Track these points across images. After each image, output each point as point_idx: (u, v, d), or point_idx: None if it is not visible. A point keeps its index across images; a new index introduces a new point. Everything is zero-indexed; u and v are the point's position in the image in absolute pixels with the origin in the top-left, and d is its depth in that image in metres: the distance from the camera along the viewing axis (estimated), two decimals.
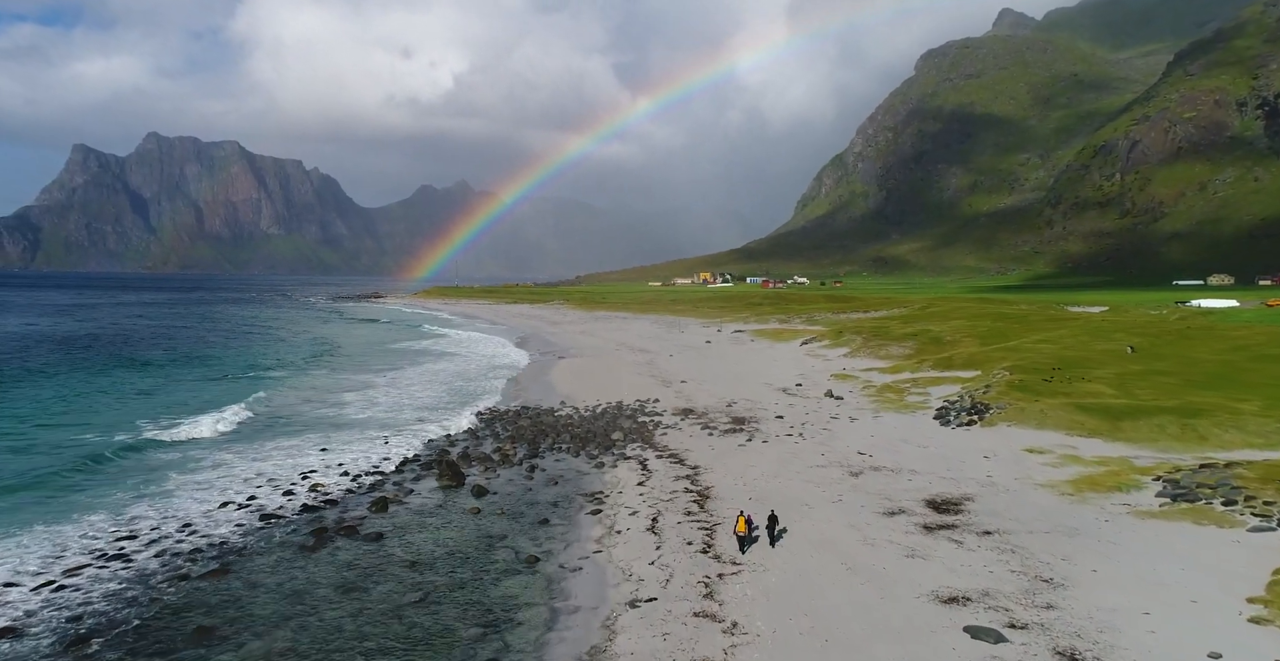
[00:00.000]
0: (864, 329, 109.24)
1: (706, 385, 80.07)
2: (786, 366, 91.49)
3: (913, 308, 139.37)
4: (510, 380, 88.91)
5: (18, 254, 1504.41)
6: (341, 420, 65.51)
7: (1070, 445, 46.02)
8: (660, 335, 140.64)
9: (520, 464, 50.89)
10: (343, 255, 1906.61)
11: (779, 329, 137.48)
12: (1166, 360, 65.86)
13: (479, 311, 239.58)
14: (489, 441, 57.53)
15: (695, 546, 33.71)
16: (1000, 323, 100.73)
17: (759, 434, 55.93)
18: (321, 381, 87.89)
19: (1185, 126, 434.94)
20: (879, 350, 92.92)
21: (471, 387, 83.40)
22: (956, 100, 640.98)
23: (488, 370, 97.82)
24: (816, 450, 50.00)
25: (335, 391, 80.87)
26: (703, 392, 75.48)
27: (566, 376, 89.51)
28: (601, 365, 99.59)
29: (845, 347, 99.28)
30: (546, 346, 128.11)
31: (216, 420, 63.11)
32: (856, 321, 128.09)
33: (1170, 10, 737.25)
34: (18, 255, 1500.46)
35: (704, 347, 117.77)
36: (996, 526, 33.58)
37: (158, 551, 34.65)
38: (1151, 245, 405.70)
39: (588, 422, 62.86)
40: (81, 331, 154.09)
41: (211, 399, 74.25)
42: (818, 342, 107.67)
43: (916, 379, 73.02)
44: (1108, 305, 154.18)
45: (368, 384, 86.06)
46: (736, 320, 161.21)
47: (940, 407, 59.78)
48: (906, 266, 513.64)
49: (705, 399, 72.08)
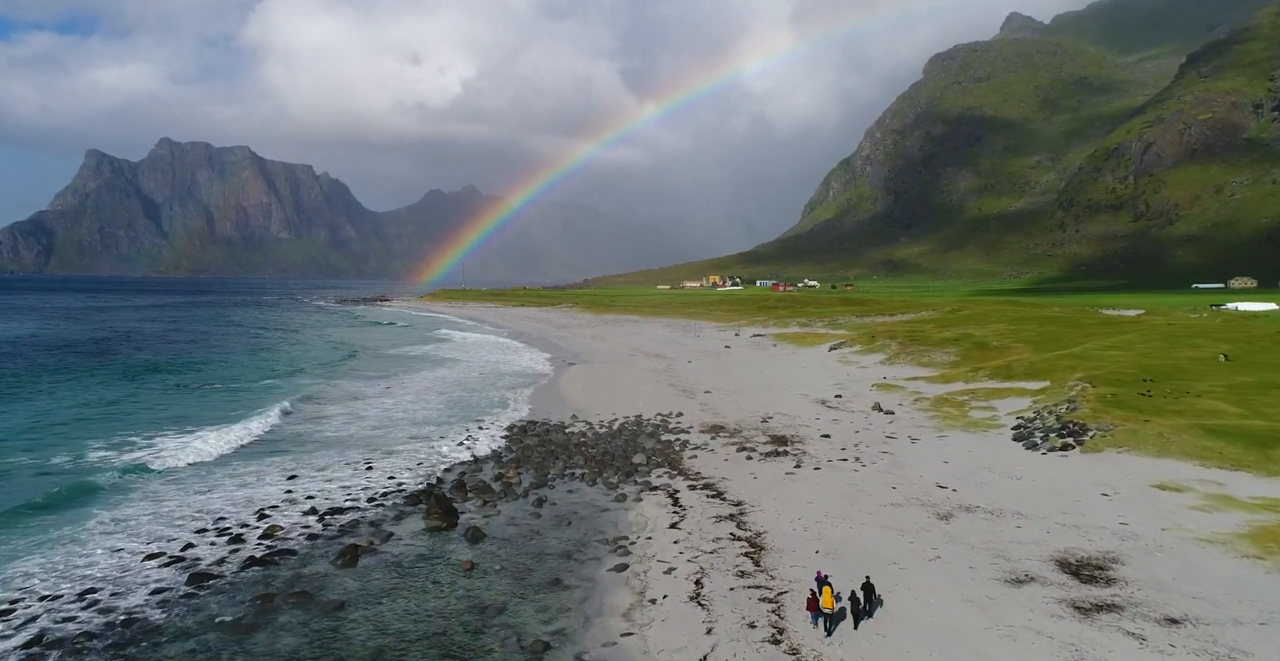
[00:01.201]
0: (897, 333, 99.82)
1: (734, 396, 70.79)
2: (818, 374, 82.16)
3: (942, 311, 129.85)
4: (516, 390, 79.70)
5: (31, 258, 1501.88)
6: (319, 438, 56.25)
7: (1213, 480, 36.50)
8: (675, 339, 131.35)
9: (526, 496, 41.74)
10: (351, 259, 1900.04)
11: (801, 333, 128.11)
12: (1276, 370, 56.37)
13: (485, 315, 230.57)
14: (490, 466, 48.32)
15: (760, 630, 24.50)
16: (1049, 326, 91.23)
17: (807, 458, 46.68)
18: (305, 391, 78.53)
19: (1200, 128, 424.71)
20: (920, 357, 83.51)
21: (472, 399, 74.15)
22: (965, 103, 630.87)
23: (491, 378, 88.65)
24: (883, 481, 40.70)
25: (318, 402, 71.54)
26: (731, 405, 66.22)
27: (578, 386, 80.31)
28: (615, 373, 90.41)
29: (880, 353, 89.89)
30: (555, 352, 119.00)
31: (175, 440, 54.04)
32: (885, 325, 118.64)
33: (1178, 14, 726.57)
34: (31, 259, 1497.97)
35: (723, 353, 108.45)
36: (1180, 609, 24.13)
37: (26, 640, 25.16)
38: (1166, 248, 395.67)
39: (604, 441, 53.68)
40: (79, 336, 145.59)
41: (178, 413, 65.13)
42: (848, 348, 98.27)
43: (974, 390, 63.63)
44: (1142, 308, 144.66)
45: (356, 394, 76.58)
46: (753, 323, 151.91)
47: (1017, 426, 50.42)
48: (915, 269, 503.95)
49: (735, 412, 62.83)
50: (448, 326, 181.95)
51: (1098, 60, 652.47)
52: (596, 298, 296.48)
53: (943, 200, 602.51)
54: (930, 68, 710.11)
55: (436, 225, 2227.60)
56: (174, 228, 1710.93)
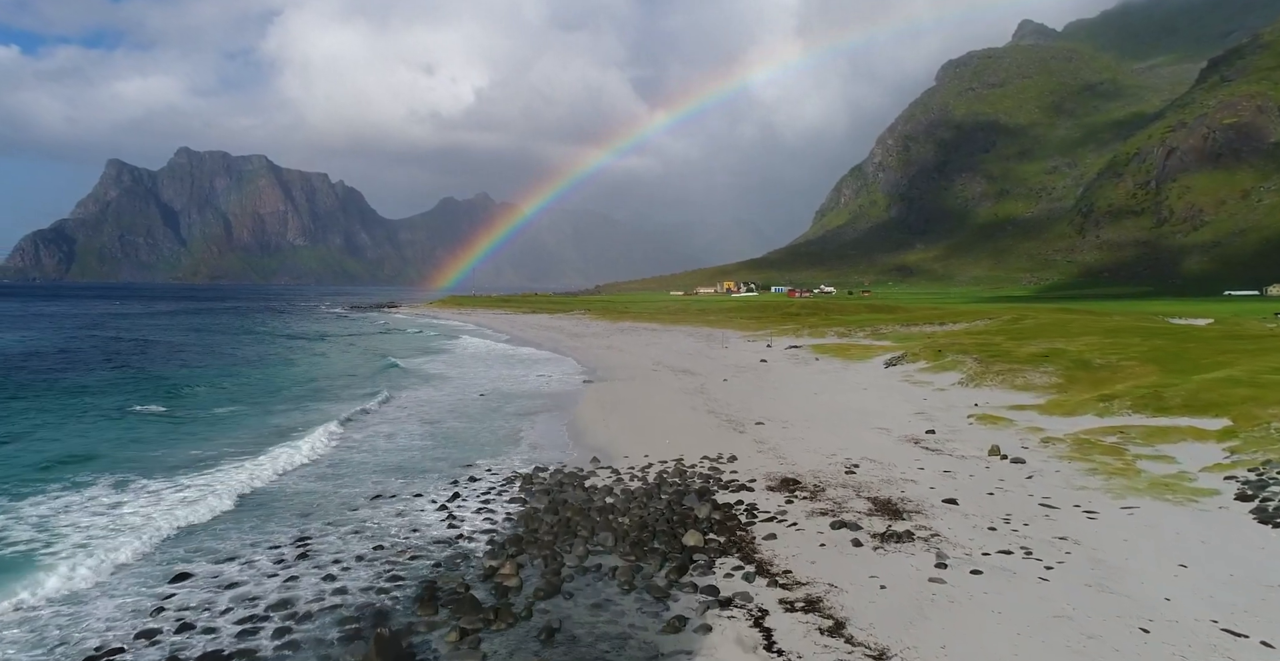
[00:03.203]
0: (965, 346, 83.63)
1: (795, 429, 54.79)
2: (888, 399, 66.06)
3: (1000, 320, 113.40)
4: (521, 418, 63.78)
5: (53, 265, 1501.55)
6: (240, 495, 40.21)
7: None
8: (701, 351, 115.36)
9: (529, 616, 25.77)
10: (366, 265, 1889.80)
11: (842, 344, 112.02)
12: None
13: (493, 322, 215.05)
14: (477, 552, 32.26)
15: None
16: (1158, 340, 74.85)
17: (945, 544, 30.48)
18: (250, 420, 61.89)
19: (1225, 133, 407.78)
20: (1010, 377, 67.27)
21: (466, 433, 58.07)
22: (980, 109, 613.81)
23: (493, 401, 72.76)
24: (1103, 606, 24.53)
25: (258, 437, 54.70)
26: (795, 443, 50.23)
27: (597, 413, 64.39)
28: (640, 394, 74.48)
29: (954, 372, 73.72)
30: (568, 367, 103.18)
31: (32, 491, 38.21)
32: (943, 336, 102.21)
33: (1191, 21, 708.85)
34: (53, 266, 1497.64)
35: (761, 369, 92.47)
36: None
37: None
38: (1190, 254, 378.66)
39: (638, 503, 37.50)
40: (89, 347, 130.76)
41: (65, 450, 49.16)
42: (910, 364, 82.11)
43: (1120, 428, 47.48)
44: (1209, 317, 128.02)
45: (310, 422, 59.88)
46: (783, 333, 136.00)
47: (1242, 493, 34.27)
48: (930, 275, 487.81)
49: (805, 455, 46.86)
50: (450, 335, 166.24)
51: (1113, 66, 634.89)
52: (610, 304, 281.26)
53: (956, 206, 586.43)
54: (943, 74, 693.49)
55: (450, 232, 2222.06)
56: (192, 235, 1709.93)
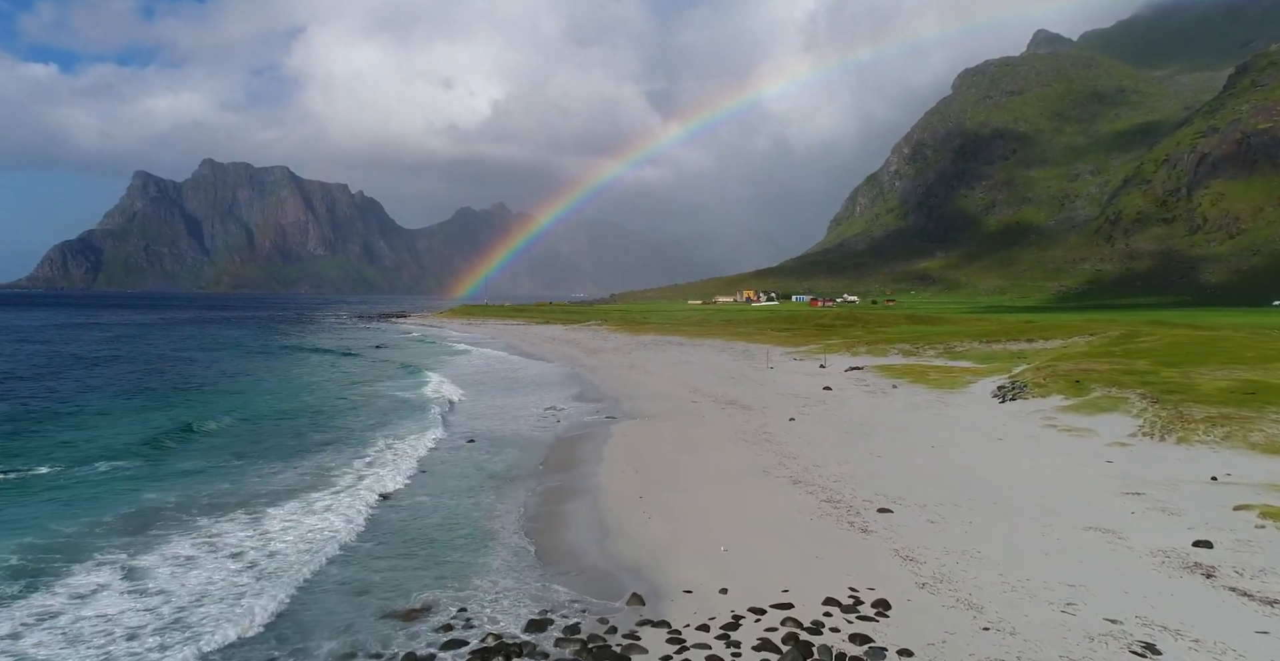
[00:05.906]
0: (1103, 373, 62.30)
1: (949, 526, 33.48)
2: (1046, 458, 44.90)
3: (1108, 335, 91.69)
4: (526, 491, 42.73)
5: (80, 275, 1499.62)
6: None
7: None
8: (744, 374, 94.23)
9: None
10: (385, 275, 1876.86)
11: (914, 365, 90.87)
12: None
13: (503, 334, 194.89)
14: None
15: None
16: None
17: None
18: (121, 500, 39.20)
19: (1260, 138, 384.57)
20: (1232, 430, 45.90)
21: (438, 527, 36.79)
22: (998, 117, 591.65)
23: (484, 457, 51.55)
24: None
25: (86, 560, 33.60)
26: (971, 563, 28.99)
27: (629, 475, 43.44)
28: (683, 441, 53.49)
29: (1118, 413, 52.39)
30: (587, 394, 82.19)
31: None
32: (1045, 356, 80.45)
33: (1210, 31, 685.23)
34: (80, 276, 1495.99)
35: (830, 400, 71.39)
36: None
37: None
38: (1227, 261, 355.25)
39: None
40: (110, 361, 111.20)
41: None
42: (1037, 398, 60.66)
43: None
44: None
45: (220, 506, 38.07)
46: (827, 349, 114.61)
47: None
48: (948, 283, 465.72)
49: (1003, 593, 25.85)
50: (451, 352, 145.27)
51: (1133, 74, 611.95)
52: (628, 314, 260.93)
53: (975, 214, 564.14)
54: (960, 82, 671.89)
55: (467, 242, 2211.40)
56: (215, 245, 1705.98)
